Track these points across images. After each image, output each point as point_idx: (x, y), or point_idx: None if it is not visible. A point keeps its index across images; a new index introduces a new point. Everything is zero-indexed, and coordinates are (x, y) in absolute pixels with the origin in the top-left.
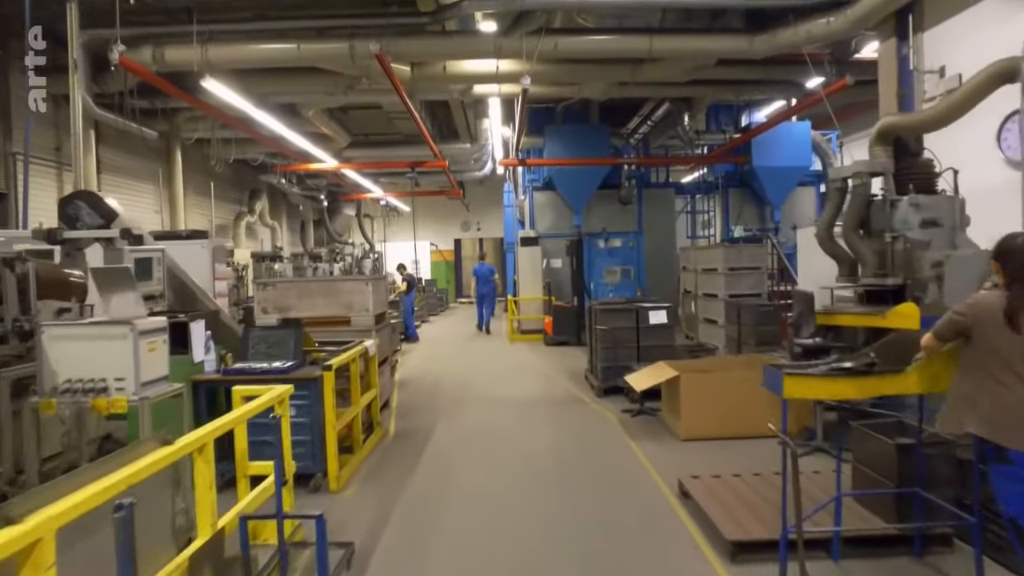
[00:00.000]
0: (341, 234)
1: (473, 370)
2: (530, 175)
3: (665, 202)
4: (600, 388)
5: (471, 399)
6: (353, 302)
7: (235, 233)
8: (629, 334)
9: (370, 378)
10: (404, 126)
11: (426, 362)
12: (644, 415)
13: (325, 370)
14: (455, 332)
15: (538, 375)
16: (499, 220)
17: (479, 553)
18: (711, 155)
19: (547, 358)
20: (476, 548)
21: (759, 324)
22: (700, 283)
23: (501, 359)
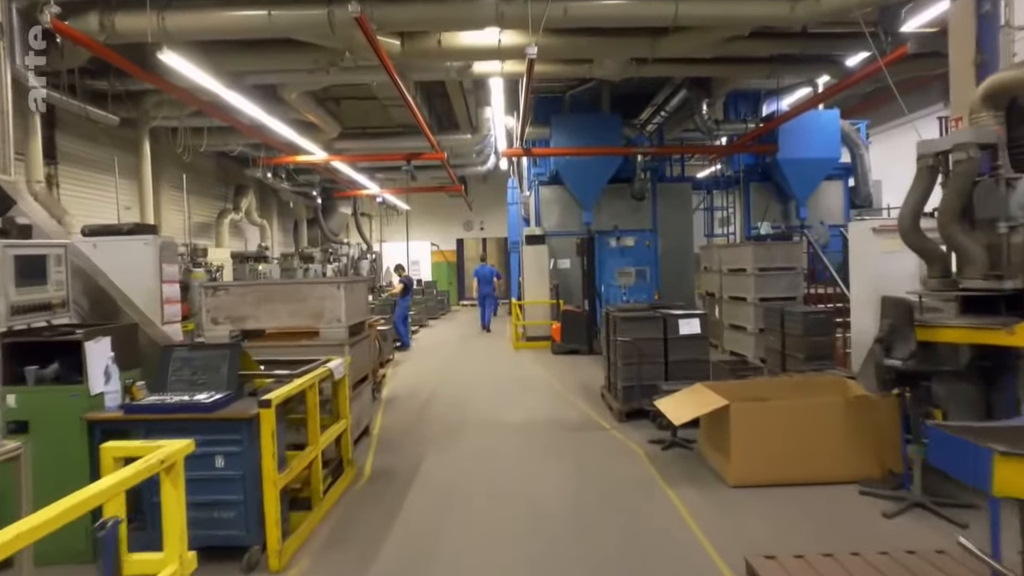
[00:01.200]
0: (337, 234)
1: (472, 384)
2: (535, 169)
3: (681, 198)
4: (621, 411)
5: (468, 423)
6: (323, 310)
7: (218, 231)
8: (655, 347)
9: (338, 407)
10: (399, 115)
11: (420, 374)
12: (677, 447)
13: (262, 406)
14: (455, 338)
15: (546, 391)
16: (503, 219)
17: None
18: (735, 144)
19: (556, 369)
20: None
21: (809, 334)
22: (725, 285)
23: (504, 370)
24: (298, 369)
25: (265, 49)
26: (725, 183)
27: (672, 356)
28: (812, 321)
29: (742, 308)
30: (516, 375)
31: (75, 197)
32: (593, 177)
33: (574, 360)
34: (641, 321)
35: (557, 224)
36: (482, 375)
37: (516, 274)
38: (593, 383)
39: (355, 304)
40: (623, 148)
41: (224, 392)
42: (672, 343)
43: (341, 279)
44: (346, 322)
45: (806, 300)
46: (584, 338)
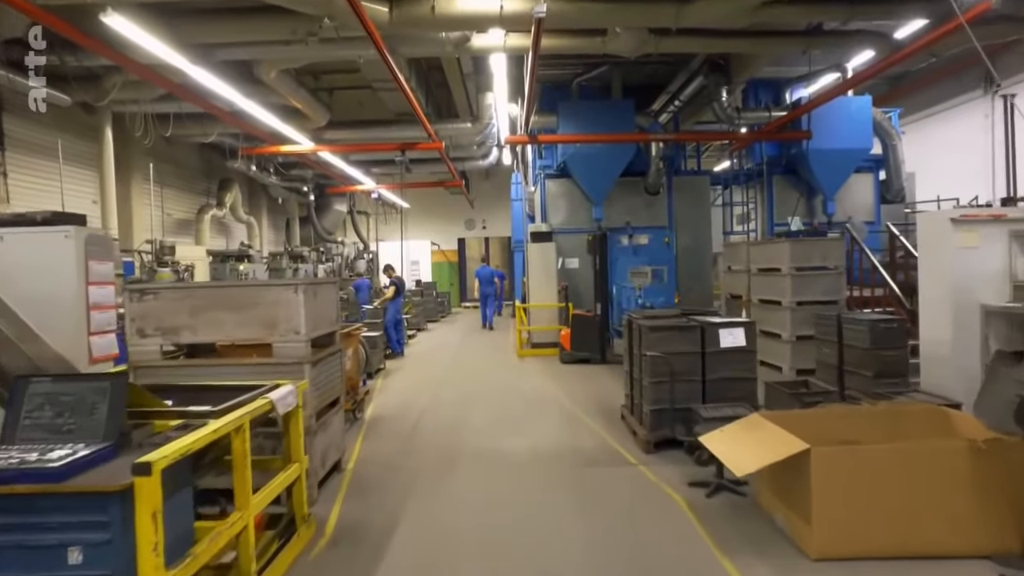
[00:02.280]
0: (331, 232)
1: (470, 400)
2: (541, 161)
3: (698, 192)
4: (648, 440)
5: (462, 455)
6: (276, 319)
7: (198, 228)
8: (691, 363)
9: (290, 448)
10: (393, 102)
11: (412, 387)
12: (725, 492)
13: (139, 473)
14: (454, 343)
15: (556, 411)
16: (506, 217)
17: None
18: (763, 130)
19: (566, 382)
20: None
21: (878, 346)
22: (755, 287)
23: (507, 383)
24: (228, 402)
25: (233, 17)
26: (746, 177)
27: (711, 374)
28: (882, 331)
29: (775, 313)
30: (520, 389)
31: (27, 188)
32: (604, 169)
33: (585, 371)
34: (673, 332)
35: (565, 221)
36: (482, 389)
37: (520, 275)
38: (610, 400)
39: (320, 311)
40: (638, 135)
41: (98, 444)
42: (711, 358)
43: (300, 280)
44: (307, 334)
45: (848, 304)
46: (596, 346)
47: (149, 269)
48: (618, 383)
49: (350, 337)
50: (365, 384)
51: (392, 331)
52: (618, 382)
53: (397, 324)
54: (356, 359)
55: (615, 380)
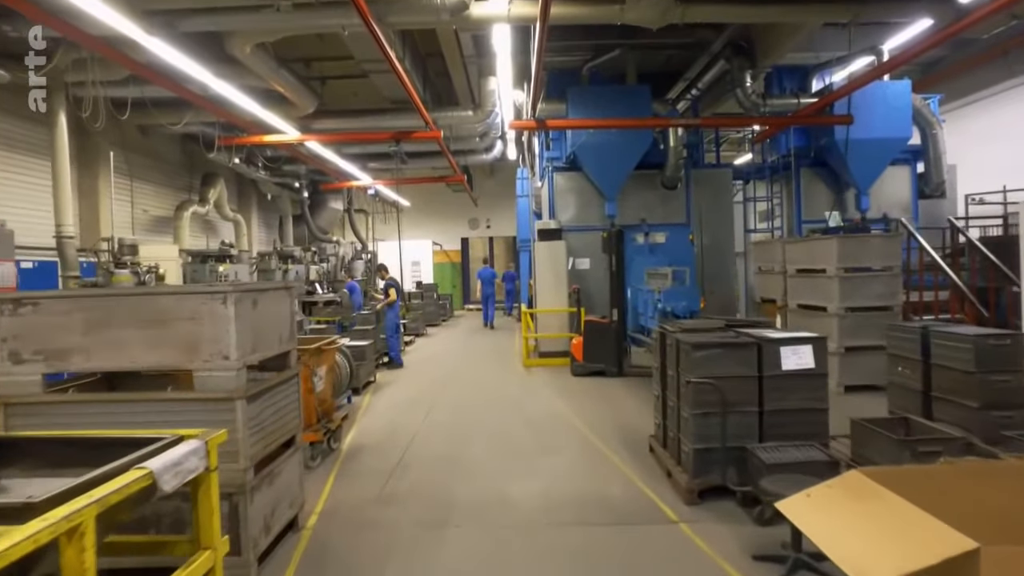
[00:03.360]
0: (326, 231)
1: (469, 425)
2: (549, 153)
3: (719, 186)
4: (691, 488)
5: (456, 506)
6: (198, 339)
7: (176, 226)
8: (745, 390)
9: (199, 530)
10: (387, 87)
11: (403, 406)
12: (805, 572)
13: None
14: (455, 350)
15: (571, 439)
16: (511, 216)
17: None
18: (798, 114)
19: (579, 400)
20: None
21: (985, 369)
22: (793, 290)
23: (512, 401)
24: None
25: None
26: (771, 170)
27: (771, 403)
28: (991, 349)
29: (818, 320)
30: (528, 410)
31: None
32: (618, 160)
33: (600, 386)
34: (724, 350)
35: (574, 218)
36: (483, 409)
37: (526, 277)
38: (632, 424)
39: (264, 327)
40: (657, 119)
41: None
42: (771, 384)
43: (231, 286)
44: (240, 358)
45: (904, 313)
46: (612, 357)
47: (105, 271)
48: (639, 402)
49: (323, 354)
50: (350, 402)
51: (394, 340)
52: (639, 400)
53: (396, 331)
54: (332, 379)
55: (636, 398)
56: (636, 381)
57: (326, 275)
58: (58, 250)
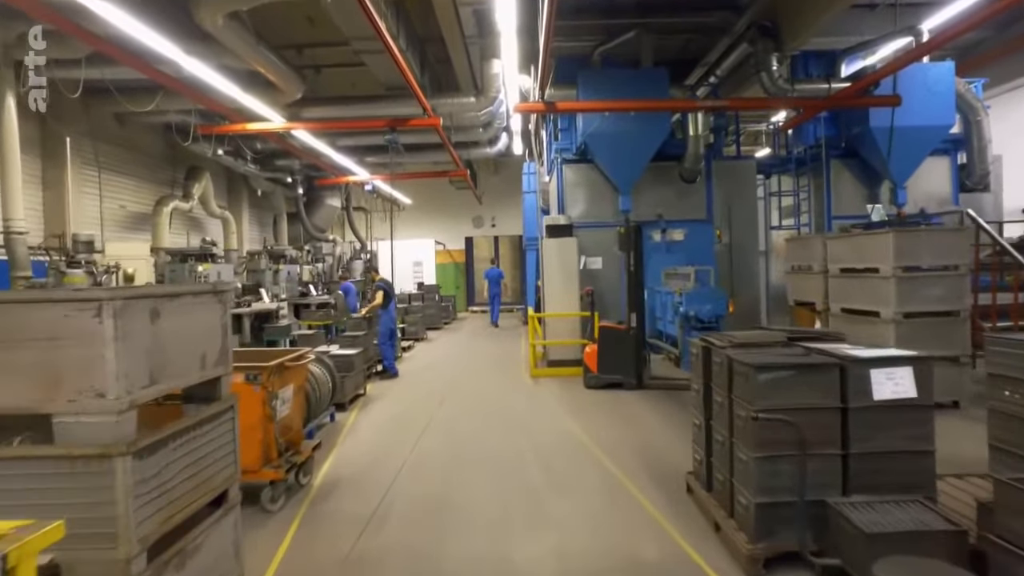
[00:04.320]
0: (323, 230)
1: (467, 454)
2: (558, 143)
3: (743, 179)
4: (755, 554)
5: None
6: (59, 369)
7: (155, 223)
8: (824, 424)
9: None
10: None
11: (393, 426)
12: None
13: None
14: (455, 357)
15: (589, 472)
16: (516, 214)
17: None
18: (840, 95)
19: (596, 419)
20: None
21: None
22: (837, 292)
23: (518, 421)
24: None
25: None
26: (798, 162)
27: (858, 444)
28: None
29: (869, 327)
30: (536, 432)
31: None
32: (633, 151)
33: (618, 401)
34: (794, 372)
35: (585, 213)
36: (483, 432)
37: (532, 277)
38: (660, 450)
39: (169, 347)
40: (680, 102)
41: None
42: (858, 418)
43: (108, 291)
44: (123, 395)
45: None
46: (631, 367)
47: (56, 271)
48: (665, 421)
49: (288, 372)
50: (333, 420)
51: (388, 347)
52: (664, 419)
53: (391, 338)
54: (301, 401)
55: (660, 416)
56: (658, 395)
57: (321, 276)
58: (7, 247)
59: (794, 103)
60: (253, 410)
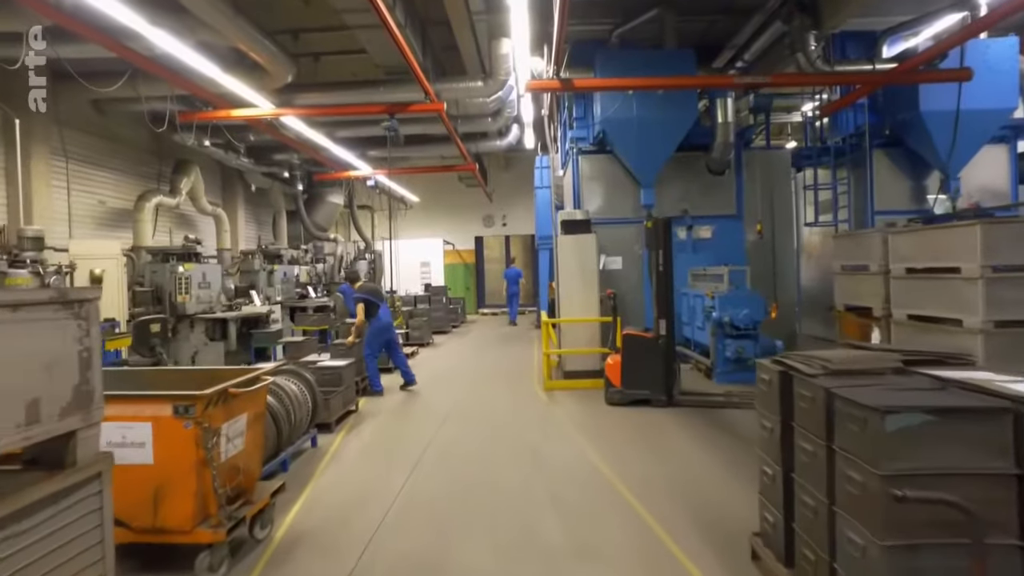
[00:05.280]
0: (324, 228)
1: (466, 496)
2: (573, 132)
3: (776, 170)
4: None
5: None
6: None
7: (136, 220)
8: (991, 498)
9: None
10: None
11: (382, 454)
12: None
13: None
14: (461, 367)
15: (619, 525)
16: (528, 213)
17: None
18: (901, 69)
19: (624, 447)
20: None
21: None
22: (901, 296)
23: (530, 450)
24: None
25: None
26: (838, 152)
27: None
28: None
29: (945, 338)
30: (551, 466)
31: None
32: (656, 139)
33: (647, 421)
34: (939, 418)
35: (602, 209)
36: (488, 465)
37: (545, 278)
38: (709, 495)
39: None
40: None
41: None
42: None
43: None
44: None
45: None
46: (660, 382)
47: None
48: (707, 451)
49: (237, 401)
50: (315, 444)
51: (372, 365)
52: (704, 446)
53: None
54: (257, 435)
55: (700, 443)
56: (692, 415)
57: (320, 277)
58: None
59: (847, 79)
60: (183, 454)
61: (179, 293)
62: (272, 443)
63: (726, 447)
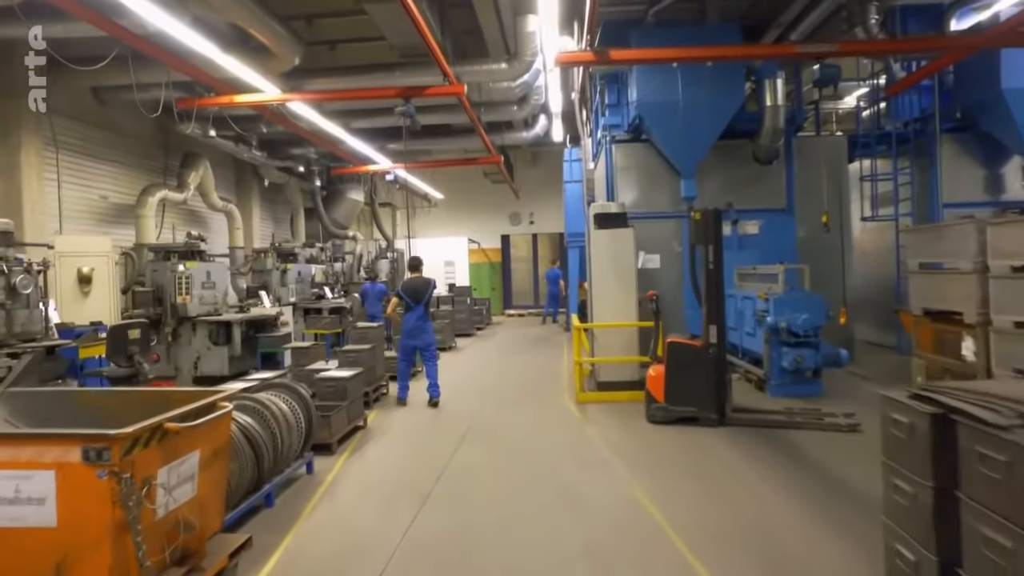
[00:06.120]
0: (344, 226)
1: (483, 549)
2: (607, 119)
3: (831, 159)
4: None
5: None
6: None
7: (138, 215)
8: None
9: None
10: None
11: (385, 487)
12: None
13: None
14: (485, 375)
15: None
16: (556, 211)
17: None
18: (1003, 27)
19: (674, 481)
20: None
21: None
22: (1005, 299)
23: (561, 483)
24: None
25: None
26: (900, 139)
27: None
28: None
29: None
30: (588, 512)
31: None
32: (699, 124)
33: (697, 443)
34: None
35: (637, 202)
36: (511, 508)
37: (575, 279)
38: (785, 546)
39: None
40: (768, 47)
41: None
42: None
43: None
44: None
45: None
46: (710, 397)
47: None
48: (782, 488)
49: (181, 438)
50: (310, 471)
51: (400, 367)
52: (778, 483)
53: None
54: (217, 476)
55: (769, 476)
56: (750, 437)
57: (338, 277)
58: None
59: (930, 43)
60: (95, 513)
61: (179, 293)
62: (250, 475)
63: (798, 481)
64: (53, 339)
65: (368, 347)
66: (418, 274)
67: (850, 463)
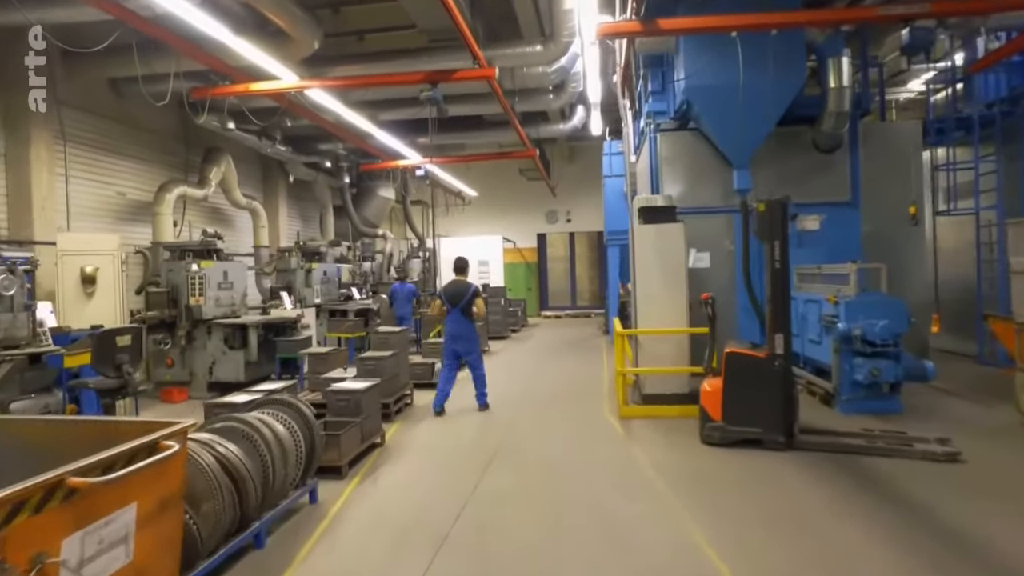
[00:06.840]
0: (375, 224)
1: None
2: (650, 105)
3: (900, 148)
4: None
5: None
6: None
7: (155, 212)
8: None
9: None
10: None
11: (399, 517)
12: None
13: None
14: (519, 382)
15: None
16: (595, 209)
17: None
18: None
19: (742, 523)
20: None
21: None
22: None
23: (604, 519)
24: None
25: None
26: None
27: None
28: None
29: None
30: (633, 551)
31: None
32: (756, 107)
33: (762, 471)
34: None
35: (684, 195)
36: (543, 549)
37: (614, 280)
38: None
39: None
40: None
41: None
42: None
43: None
44: None
45: None
46: (776, 416)
47: None
48: (862, 527)
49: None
50: (314, 500)
51: (443, 374)
52: (858, 522)
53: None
54: (168, 528)
55: (843, 512)
56: (824, 464)
57: (367, 277)
58: None
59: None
60: None
61: (192, 294)
62: (231, 517)
63: (889, 521)
64: (41, 345)
65: (389, 354)
66: (463, 277)
67: (959, 504)
